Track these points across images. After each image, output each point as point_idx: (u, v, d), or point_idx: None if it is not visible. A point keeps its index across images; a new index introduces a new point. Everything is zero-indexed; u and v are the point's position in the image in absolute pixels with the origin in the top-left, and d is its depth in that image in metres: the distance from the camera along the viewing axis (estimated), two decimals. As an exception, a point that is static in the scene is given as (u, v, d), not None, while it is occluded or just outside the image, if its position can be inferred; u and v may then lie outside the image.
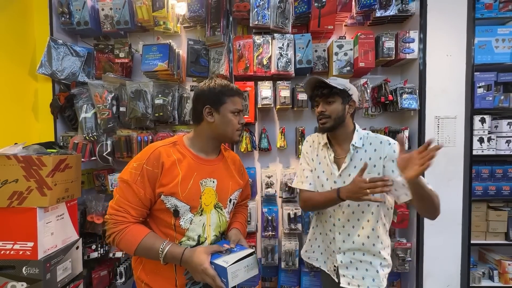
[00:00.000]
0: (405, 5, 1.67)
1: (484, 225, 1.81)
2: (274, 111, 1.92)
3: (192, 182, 0.94)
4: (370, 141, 1.09)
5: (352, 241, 1.09)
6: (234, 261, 0.83)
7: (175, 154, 0.95)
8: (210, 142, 1.00)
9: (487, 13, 1.75)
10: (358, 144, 1.08)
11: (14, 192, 1.30)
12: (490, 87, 1.75)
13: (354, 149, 1.09)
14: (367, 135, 1.11)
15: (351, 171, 1.08)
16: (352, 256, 1.09)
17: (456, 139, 1.69)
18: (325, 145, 1.16)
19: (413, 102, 1.66)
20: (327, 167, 1.14)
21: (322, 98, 1.07)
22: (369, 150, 1.08)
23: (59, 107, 1.73)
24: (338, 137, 1.12)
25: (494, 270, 1.81)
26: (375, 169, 1.05)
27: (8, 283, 1.30)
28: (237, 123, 0.99)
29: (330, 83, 1.03)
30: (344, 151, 1.11)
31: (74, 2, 1.73)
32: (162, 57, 1.66)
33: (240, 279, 0.84)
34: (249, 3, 1.64)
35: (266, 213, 1.74)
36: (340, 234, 1.10)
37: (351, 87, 1.09)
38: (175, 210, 0.92)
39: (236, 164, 1.12)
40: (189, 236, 0.94)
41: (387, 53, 1.67)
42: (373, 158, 1.06)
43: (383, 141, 1.07)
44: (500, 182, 1.78)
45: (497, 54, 1.73)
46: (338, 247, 1.11)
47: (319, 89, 1.07)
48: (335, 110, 1.06)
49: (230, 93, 0.97)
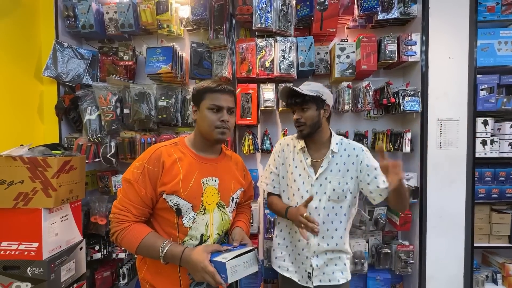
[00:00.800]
0: (407, 8, 1.68)
1: (487, 227, 1.80)
2: (277, 113, 1.93)
3: (194, 181, 0.95)
4: (344, 147, 1.17)
5: (326, 243, 1.13)
6: (232, 257, 0.84)
7: (176, 153, 0.96)
8: (203, 141, 1.01)
9: (490, 16, 1.75)
10: (335, 149, 1.14)
11: (19, 193, 1.31)
12: (492, 90, 1.75)
13: (331, 154, 1.14)
14: (341, 141, 1.18)
15: (327, 175, 1.13)
16: (325, 257, 1.14)
17: (458, 142, 1.69)
18: (301, 149, 1.18)
19: (415, 104, 1.66)
20: (303, 171, 1.16)
21: (297, 106, 1.11)
22: (343, 155, 1.15)
23: (64, 109, 1.75)
24: (315, 142, 1.17)
25: (498, 273, 1.80)
26: (349, 173, 1.13)
27: (13, 283, 1.31)
28: (216, 120, 0.96)
29: (302, 91, 1.06)
30: (321, 155, 1.16)
31: (79, 6, 1.75)
32: (165, 60, 1.67)
33: (240, 275, 0.85)
34: (252, 6, 1.66)
35: (268, 215, 1.74)
36: (314, 238, 1.12)
37: (324, 91, 1.12)
38: (178, 209, 0.93)
39: (238, 164, 1.14)
40: (192, 235, 0.95)
41: (389, 55, 1.67)
42: (347, 163, 1.14)
43: (356, 148, 1.16)
44: (503, 184, 1.78)
45: (500, 56, 1.73)
46: (312, 251, 1.13)
47: (293, 98, 1.12)
48: (309, 116, 1.10)
49: (211, 90, 0.96)
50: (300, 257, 1.17)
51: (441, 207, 1.69)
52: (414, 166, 1.76)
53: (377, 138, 1.81)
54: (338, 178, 1.13)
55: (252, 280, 1.82)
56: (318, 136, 1.15)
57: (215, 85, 0.97)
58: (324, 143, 1.17)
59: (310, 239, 1.13)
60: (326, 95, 1.12)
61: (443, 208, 1.69)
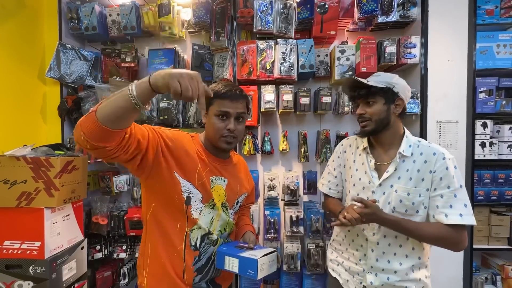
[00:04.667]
0: (407, 11, 1.69)
1: (487, 229, 1.80)
2: (277, 115, 1.95)
3: (204, 176, 0.95)
4: (421, 150, 0.95)
5: (387, 260, 0.95)
6: (262, 255, 0.88)
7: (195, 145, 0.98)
8: (212, 145, 1.00)
9: (488, 19, 1.77)
10: (406, 152, 0.95)
11: (22, 192, 1.33)
12: (491, 92, 1.76)
13: (401, 158, 0.95)
14: (418, 143, 0.97)
15: (393, 182, 0.95)
16: (385, 280, 0.95)
17: (457, 144, 1.70)
18: (364, 150, 1.03)
19: (415, 106, 1.67)
20: (365, 175, 1.01)
21: (361, 99, 0.97)
22: (418, 160, 0.93)
23: (67, 110, 1.77)
24: (382, 142, 1.00)
25: (497, 275, 1.80)
26: (423, 183, 0.92)
27: (15, 282, 1.32)
28: (223, 128, 0.91)
29: (367, 83, 0.93)
30: (389, 158, 0.98)
31: (83, 8, 1.78)
32: (167, 62, 1.70)
33: (265, 273, 0.89)
34: (253, 9, 1.68)
35: (268, 215, 1.75)
36: (373, 252, 0.96)
37: (397, 82, 0.95)
38: (188, 197, 0.91)
39: (244, 169, 1.15)
40: (200, 225, 0.95)
41: (388, 58, 1.69)
42: (422, 171, 0.92)
43: (437, 153, 0.92)
44: (503, 186, 1.78)
45: (499, 59, 1.74)
46: (369, 266, 0.97)
47: (357, 90, 0.97)
48: (376, 111, 0.94)
49: (218, 94, 0.91)
50: (356, 267, 1.02)
51: (440, 208, 1.69)
52: (413, 168, 1.77)
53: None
54: (408, 188, 0.92)
55: (252, 281, 1.83)
56: (386, 135, 0.98)
57: (225, 90, 0.92)
58: (394, 144, 0.98)
59: (368, 252, 0.97)
60: (399, 87, 0.95)
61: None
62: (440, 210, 0.89)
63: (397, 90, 0.95)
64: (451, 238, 0.88)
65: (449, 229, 0.87)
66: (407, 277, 0.94)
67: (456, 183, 0.89)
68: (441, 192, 0.89)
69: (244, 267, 0.86)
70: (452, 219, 0.87)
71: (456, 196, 0.88)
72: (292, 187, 1.76)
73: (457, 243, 0.90)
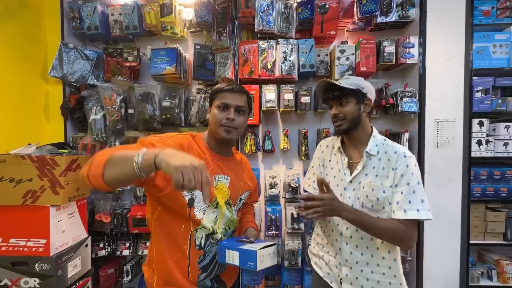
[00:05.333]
0: (405, 11, 1.72)
1: (483, 225, 1.85)
2: (278, 113, 1.97)
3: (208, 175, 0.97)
4: (385, 149, 1.01)
5: (360, 253, 1.01)
6: (261, 247, 0.90)
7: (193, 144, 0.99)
8: (215, 141, 1.03)
9: (485, 20, 1.81)
10: (372, 151, 1.01)
11: (28, 191, 1.35)
12: (488, 91, 1.80)
13: (368, 156, 1.02)
14: (383, 142, 1.03)
15: (361, 179, 1.02)
16: (359, 272, 1.01)
17: (455, 142, 1.74)
18: (338, 150, 1.10)
19: (413, 105, 1.70)
20: (338, 172, 1.08)
21: (335, 100, 1.05)
22: (383, 158, 1.00)
23: (70, 109, 1.79)
24: (354, 140, 1.07)
25: (493, 269, 1.85)
26: (387, 180, 0.98)
27: (21, 279, 1.34)
28: (222, 118, 0.96)
29: (341, 85, 1.00)
30: (359, 156, 1.05)
31: (85, 8, 1.79)
32: (170, 61, 1.71)
33: (265, 265, 0.91)
34: (254, 9, 1.70)
35: (270, 213, 1.78)
36: (347, 245, 1.03)
37: (365, 84, 1.04)
38: (191, 199, 0.94)
39: (247, 167, 1.18)
40: (205, 225, 0.97)
41: (388, 58, 1.72)
42: (386, 168, 0.99)
43: (398, 152, 0.98)
44: (498, 183, 1.83)
45: (495, 59, 1.78)
46: (344, 259, 1.03)
47: (331, 92, 1.05)
48: (349, 111, 1.01)
49: (220, 89, 1.00)
50: (334, 261, 1.08)
51: (438, 205, 1.73)
52: (411, 166, 1.81)
53: (376, 138, 1.85)
54: (373, 184, 0.99)
55: (254, 277, 1.86)
56: (357, 134, 1.05)
57: (225, 85, 1.00)
58: (364, 142, 1.05)
59: (343, 245, 1.03)
60: (367, 88, 1.03)
61: (440, 206, 1.74)
62: (400, 205, 0.94)
63: (366, 91, 1.03)
64: (401, 234, 0.92)
65: (400, 225, 0.92)
66: (378, 268, 1.00)
67: (415, 180, 0.94)
68: (401, 188, 0.95)
69: (244, 259, 0.88)
70: (410, 214, 0.92)
71: (415, 192, 0.94)
72: (293, 185, 1.79)
73: (407, 239, 0.94)
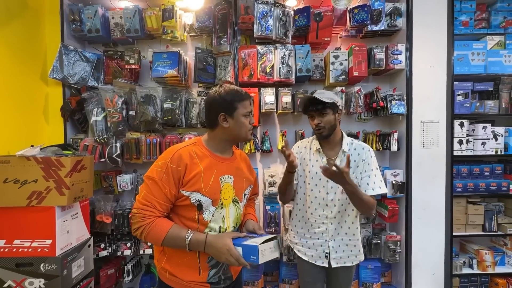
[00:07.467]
0: (393, 21, 1.86)
1: (464, 218, 2.00)
2: (275, 115, 2.06)
3: (213, 178, 1.04)
4: (354, 147, 1.33)
5: (341, 227, 1.34)
6: (262, 241, 0.96)
7: (197, 152, 1.05)
8: (225, 144, 1.10)
9: (464, 30, 1.97)
10: (346, 149, 1.32)
11: (33, 191, 1.35)
12: (467, 95, 1.96)
13: (344, 154, 1.31)
14: (352, 142, 1.35)
15: None
16: (341, 241, 1.33)
17: (439, 141, 1.88)
18: (317, 151, 1.35)
19: (401, 107, 1.84)
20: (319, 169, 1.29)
21: (317, 112, 1.27)
22: (354, 154, 1.32)
23: (70, 110, 1.79)
24: (330, 142, 1.34)
25: (473, 259, 2.01)
26: (358, 169, 1.31)
27: (26, 280, 1.34)
28: (249, 124, 1.08)
29: (322, 100, 1.23)
30: (335, 154, 1.33)
31: (85, 11, 1.81)
32: (172, 64, 1.75)
33: (267, 258, 0.96)
34: (253, 16, 1.78)
35: (269, 210, 1.86)
36: (332, 224, 1.33)
37: (337, 99, 1.30)
38: (199, 205, 1.01)
39: (247, 163, 1.24)
40: (211, 227, 1.04)
41: (378, 63, 1.84)
42: (357, 160, 1.31)
43: (365, 148, 1.33)
44: (477, 179, 1.98)
45: (473, 66, 1.95)
46: (330, 235, 1.32)
47: (314, 105, 1.27)
48: (328, 120, 1.26)
49: (240, 98, 1.06)
50: (319, 241, 1.34)
51: (424, 200, 1.87)
52: (400, 164, 1.94)
53: (367, 138, 1.98)
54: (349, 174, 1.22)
55: (253, 273, 1.93)
56: (332, 137, 1.31)
57: (242, 93, 1.07)
58: (337, 143, 1.34)
59: (329, 225, 1.32)
60: (339, 102, 1.31)
61: (426, 201, 1.88)
62: (370, 186, 1.27)
63: (338, 104, 1.30)
64: (372, 204, 1.24)
65: (371, 198, 1.25)
66: (351, 234, 1.34)
67: (375, 166, 1.31)
68: (369, 173, 1.29)
69: (248, 254, 0.95)
70: (377, 190, 1.26)
71: (376, 176, 1.28)
72: (290, 183, 1.88)
73: (373, 207, 1.26)
